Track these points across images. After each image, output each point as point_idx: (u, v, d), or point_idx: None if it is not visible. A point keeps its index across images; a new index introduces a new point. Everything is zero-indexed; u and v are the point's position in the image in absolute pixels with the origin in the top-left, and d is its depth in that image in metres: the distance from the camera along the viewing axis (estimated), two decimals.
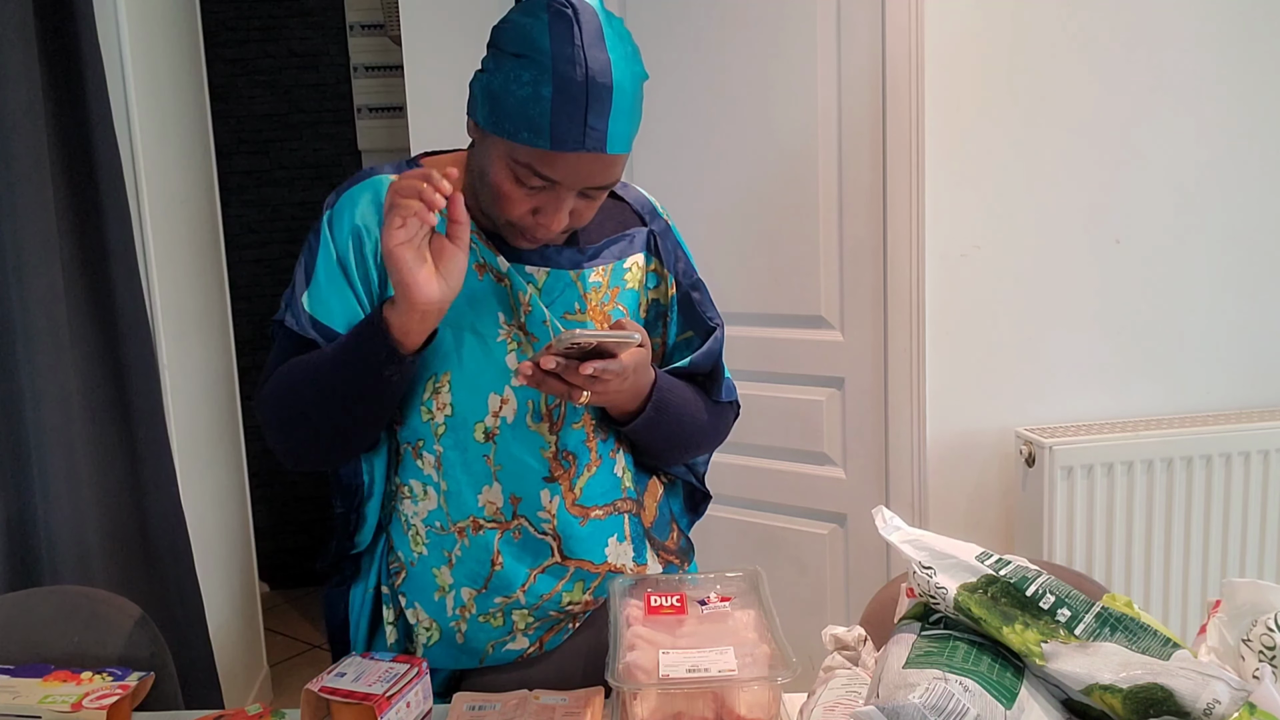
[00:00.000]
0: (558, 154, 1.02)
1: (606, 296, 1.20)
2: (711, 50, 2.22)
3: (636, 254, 1.22)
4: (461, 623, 1.21)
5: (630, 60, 1.04)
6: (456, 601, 1.20)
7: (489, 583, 1.18)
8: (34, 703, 1.13)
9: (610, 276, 1.20)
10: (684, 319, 1.25)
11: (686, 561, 1.36)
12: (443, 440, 1.16)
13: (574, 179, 1.04)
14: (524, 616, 1.20)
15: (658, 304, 1.25)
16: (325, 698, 1.04)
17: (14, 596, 1.41)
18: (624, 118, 1.03)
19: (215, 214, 2.73)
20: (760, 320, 2.27)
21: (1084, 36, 2.02)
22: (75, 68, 1.80)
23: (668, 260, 1.24)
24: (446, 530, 1.19)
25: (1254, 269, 2.14)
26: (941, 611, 0.98)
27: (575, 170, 1.03)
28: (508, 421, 1.16)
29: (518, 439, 1.16)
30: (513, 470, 1.16)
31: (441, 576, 1.20)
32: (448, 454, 1.16)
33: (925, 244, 2.04)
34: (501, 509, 1.17)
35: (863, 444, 2.20)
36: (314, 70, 3.61)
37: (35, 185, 1.69)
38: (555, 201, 1.07)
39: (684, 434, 1.24)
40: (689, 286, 1.25)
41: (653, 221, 1.25)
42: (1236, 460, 2.03)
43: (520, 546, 1.18)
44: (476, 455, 1.16)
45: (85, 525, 1.78)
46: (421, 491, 1.19)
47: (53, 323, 1.72)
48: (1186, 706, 0.84)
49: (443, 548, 1.20)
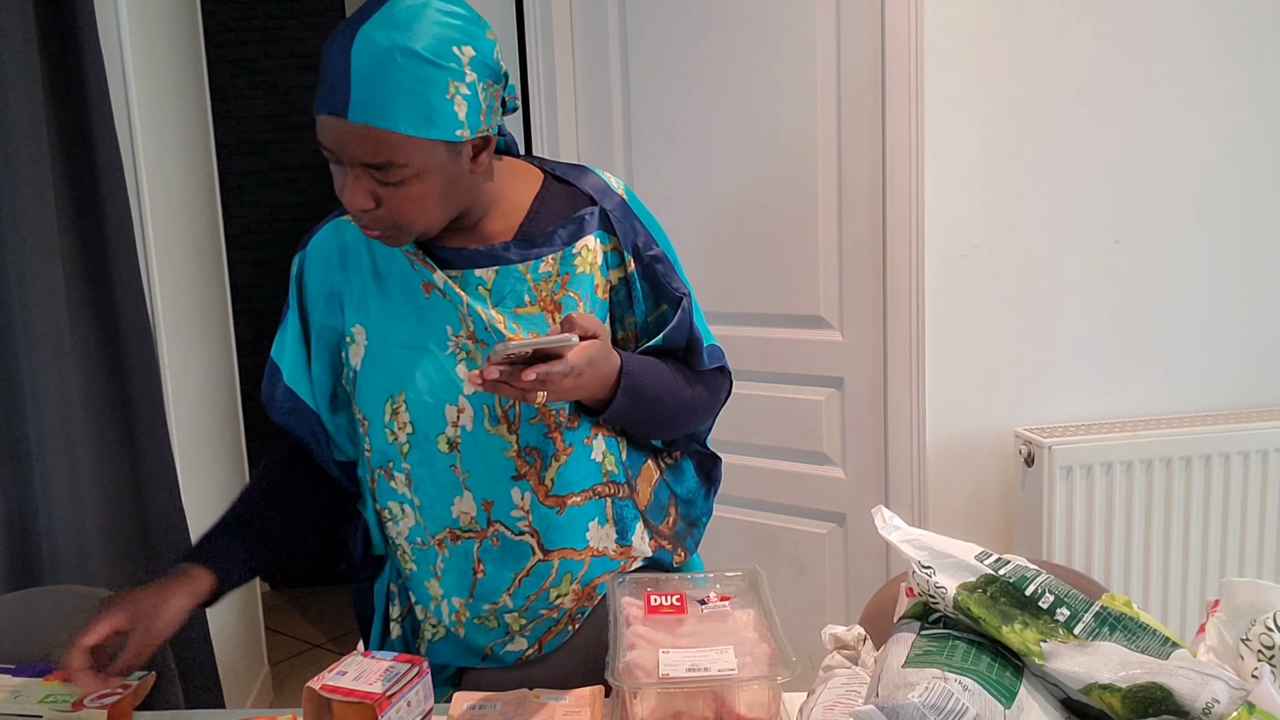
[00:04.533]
0: (320, 120, 1.04)
1: (557, 285, 1.18)
2: (711, 50, 2.22)
3: (587, 236, 1.18)
4: (459, 626, 1.23)
5: (390, 29, 1.01)
6: (450, 609, 1.23)
7: (474, 591, 1.21)
8: (35, 702, 1.13)
9: (560, 264, 1.17)
10: (652, 293, 1.22)
11: (683, 548, 1.32)
12: (409, 458, 1.19)
13: (339, 148, 1.04)
14: (516, 619, 1.22)
15: (623, 283, 1.21)
16: (326, 696, 1.04)
17: (14, 596, 1.41)
18: (364, 86, 1.00)
19: (216, 214, 2.73)
20: (760, 320, 2.27)
21: (1084, 37, 2.02)
22: (76, 69, 1.80)
23: (624, 237, 1.20)
24: (427, 544, 1.22)
25: (1254, 269, 2.14)
26: (941, 611, 0.98)
27: (336, 138, 1.03)
28: (467, 429, 1.17)
29: (480, 444, 1.17)
30: (480, 475, 1.18)
31: (432, 588, 1.24)
32: (416, 470, 1.19)
33: (925, 244, 2.04)
34: (475, 517, 1.19)
35: (862, 444, 2.20)
36: (314, 71, 3.61)
37: (36, 186, 1.69)
38: (346, 177, 1.07)
39: (667, 412, 1.21)
40: (651, 259, 1.21)
41: (604, 199, 1.20)
42: (1236, 460, 2.03)
43: (501, 552, 1.19)
44: (444, 467, 1.18)
45: (85, 525, 1.78)
46: (400, 511, 1.23)
47: (53, 323, 1.72)
48: (1185, 706, 0.84)
49: (427, 562, 1.23)
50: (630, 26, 2.31)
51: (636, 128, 2.34)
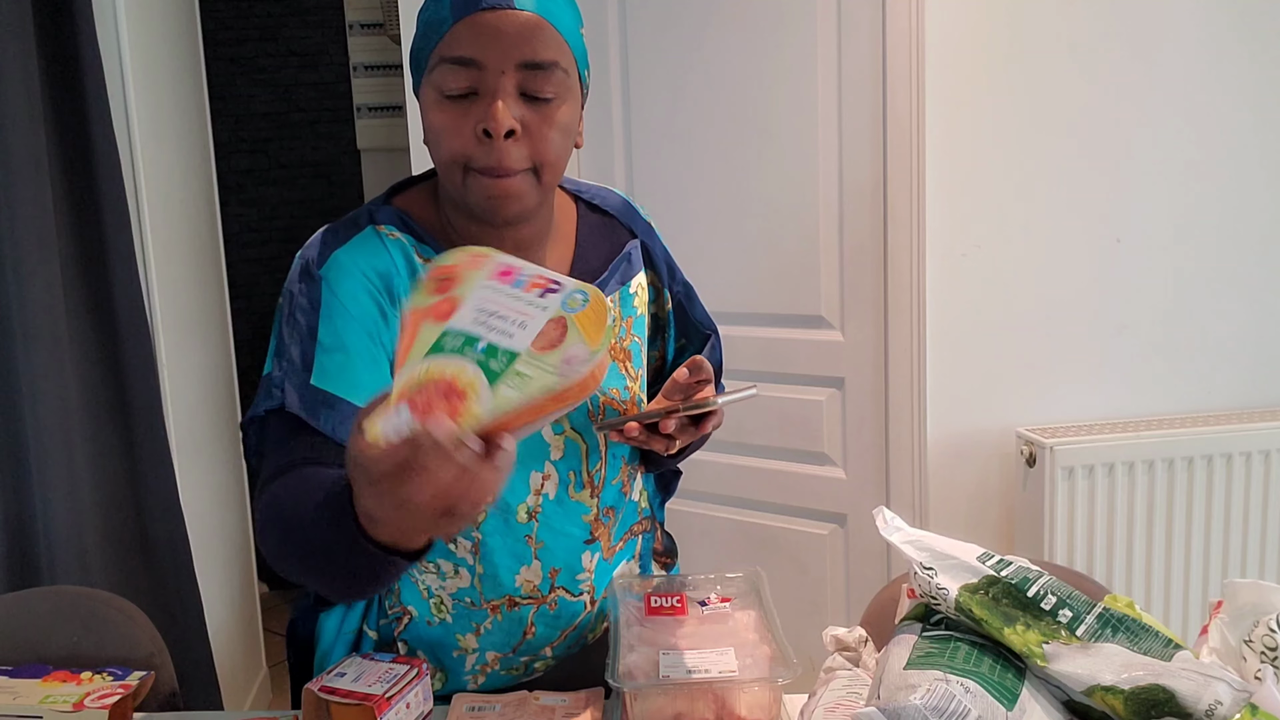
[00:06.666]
0: (465, 25, 0.94)
1: (622, 330, 1.13)
2: (711, 50, 2.21)
3: (637, 273, 1.16)
4: (479, 676, 1.17)
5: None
6: (479, 660, 1.16)
7: (518, 648, 1.15)
8: (35, 703, 1.12)
9: (621, 307, 1.13)
10: (678, 327, 1.22)
11: (672, 560, 1.33)
12: (483, 527, 1.08)
13: (493, 54, 0.94)
14: (546, 663, 1.18)
15: (656, 318, 1.21)
16: (324, 698, 1.03)
17: (13, 596, 1.40)
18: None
19: (214, 213, 2.73)
20: (760, 320, 2.27)
21: (1084, 36, 2.02)
22: (74, 66, 1.80)
23: (660, 271, 1.19)
24: (478, 607, 1.12)
25: (1255, 269, 2.14)
26: (943, 612, 0.98)
27: (491, 41, 0.93)
28: (549, 497, 1.10)
29: (560, 513, 1.11)
30: (554, 545, 1.11)
31: (465, 641, 1.15)
32: (489, 540, 1.09)
33: (926, 243, 2.03)
34: (539, 585, 1.12)
35: (863, 444, 2.20)
36: (313, 69, 3.61)
37: (33, 184, 1.68)
38: (490, 98, 0.95)
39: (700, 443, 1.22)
40: (679, 293, 1.21)
41: (639, 229, 1.19)
42: (1237, 460, 2.03)
43: (555, 615, 1.14)
44: (519, 537, 1.10)
45: (84, 525, 1.78)
46: (452, 571, 1.11)
47: (51, 322, 1.71)
48: (1188, 708, 0.84)
49: (471, 620, 1.14)
50: (630, 26, 2.30)
51: (636, 128, 2.34)
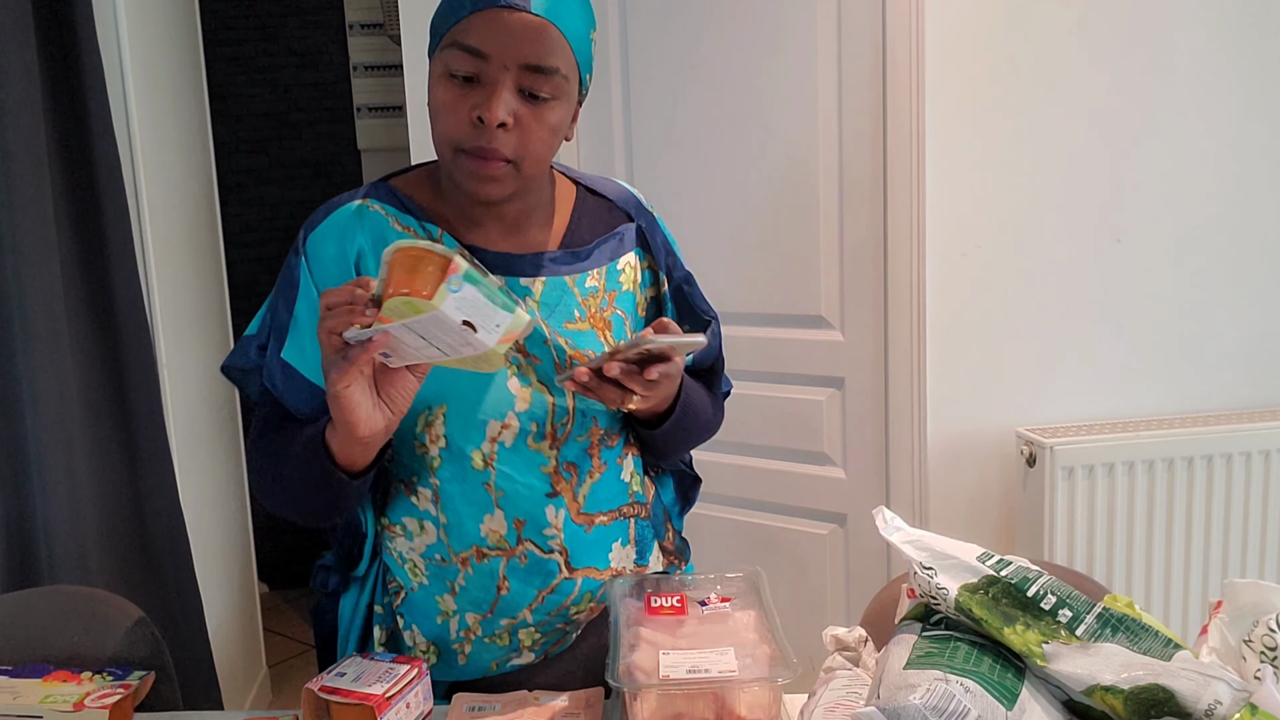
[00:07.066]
0: (480, 17, 0.99)
1: (604, 302, 1.16)
2: (712, 49, 2.21)
3: (628, 253, 1.19)
4: (465, 644, 1.19)
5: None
6: (461, 625, 1.18)
7: (495, 607, 1.16)
8: (35, 703, 1.12)
9: (605, 280, 1.17)
10: (678, 314, 1.23)
11: (683, 561, 1.34)
12: (439, 473, 1.12)
13: (500, 50, 0.99)
14: (530, 634, 1.19)
15: (655, 302, 1.23)
16: (325, 697, 1.03)
17: (13, 596, 1.41)
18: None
19: (214, 213, 2.73)
20: (760, 320, 2.27)
21: (1086, 35, 2.02)
22: (74, 66, 1.80)
23: (659, 256, 1.21)
24: (449, 562, 1.15)
25: (1255, 269, 2.14)
26: (942, 612, 0.98)
27: (501, 38, 0.99)
28: (505, 445, 1.12)
29: (517, 461, 1.13)
30: (514, 493, 1.13)
31: (444, 603, 1.18)
32: (446, 486, 1.13)
33: (926, 243, 2.03)
34: (505, 535, 1.14)
35: (863, 444, 2.20)
36: (313, 69, 3.61)
37: (34, 184, 1.68)
38: (489, 89, 1.01)
39: (697, 430, 1.23)
40: (680, 280, 1.23)
41: (639, 216, 1.21)
42: (1237, 460, 2.03)
43: (527, 570, 1.15)
44: (476, 484, 1.12)
45: (84, 525, 1.78)
46: (417, 528, 1.16)
47: (51, 322, 1.71)
48: (1188, 707, 0.84)
49: (444, 578, 1.17)
50: (630, 26, 2.30)
51: (636, 128, 2.34)
